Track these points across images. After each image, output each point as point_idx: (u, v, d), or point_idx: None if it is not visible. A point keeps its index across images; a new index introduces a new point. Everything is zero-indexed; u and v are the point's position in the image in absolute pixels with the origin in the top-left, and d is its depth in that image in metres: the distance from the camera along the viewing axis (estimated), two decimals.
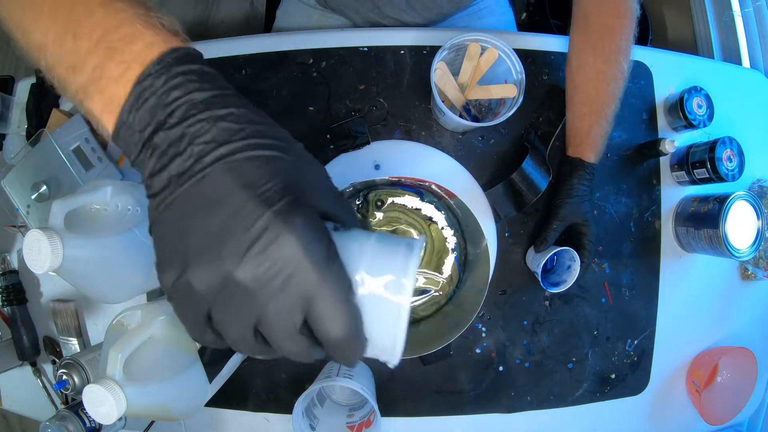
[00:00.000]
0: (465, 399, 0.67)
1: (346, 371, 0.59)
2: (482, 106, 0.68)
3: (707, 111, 0.68)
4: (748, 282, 0.72)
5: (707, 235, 0.64)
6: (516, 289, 0.67)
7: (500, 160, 0.68)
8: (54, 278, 0.43)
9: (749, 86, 0.75)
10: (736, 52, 0.86)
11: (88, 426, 0.54)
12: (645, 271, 0.70)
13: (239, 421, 0.67)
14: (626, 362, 0.69)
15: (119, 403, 0.39)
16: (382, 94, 0.67)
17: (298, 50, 0.68)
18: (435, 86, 0.59)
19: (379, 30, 0.71)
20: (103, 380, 0.40)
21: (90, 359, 0.57)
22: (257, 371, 0.66)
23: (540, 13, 1.26)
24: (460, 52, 0.62)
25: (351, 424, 0.60)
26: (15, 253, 0.72)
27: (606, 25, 0.58)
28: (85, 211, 0.47)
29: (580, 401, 0.68)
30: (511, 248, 0.67)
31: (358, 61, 0.68)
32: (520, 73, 0.60)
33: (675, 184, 0.71)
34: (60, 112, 0.69)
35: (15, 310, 0.69)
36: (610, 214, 0.69)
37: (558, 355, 0.68)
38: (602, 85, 0.59)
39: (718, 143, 0.64)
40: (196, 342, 0.25)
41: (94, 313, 0.70)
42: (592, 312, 0.68)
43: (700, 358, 0.70)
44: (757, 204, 0.64)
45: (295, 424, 0.56)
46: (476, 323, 0.67)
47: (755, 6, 0.84)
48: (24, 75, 0.75)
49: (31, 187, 0.64)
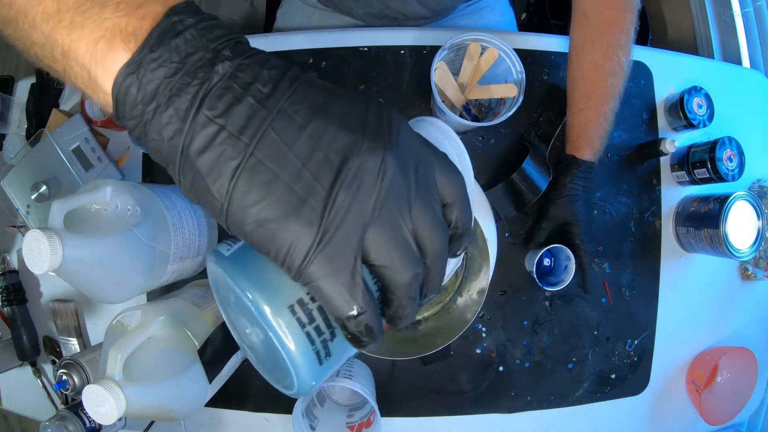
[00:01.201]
0: (465, 399, 0.67)
1: (346, 371, 0.59)
2: (482, 105, 0.68)
3: (707, 111, 0.68)
4: (748, 282, 0.72)
5: (707, 235, 0.64)
6: (516, 289, 0.67)
7: (500, 160, 0.68)
8: (54, 278, 0.43)
9: (749, 86, 0.75)
10: (736, 52, 0.86)
11: (88, 426, 0.54)
12: (645, 271, 0.70)
13: (239, 421, 0.67)
14: (626, 362, 0.69)
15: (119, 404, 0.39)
16: (382, 94, 0.67)
17: (298, 50, 0.68)
18: (435, 86, 0.59)
19: (379, 30, 0.71)
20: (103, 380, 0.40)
21: (90, 359, 0.57)
22: (257, 371, 0.66)
23: (540, 13, 1.26)
24: (460, 52, 0.62)
25: (351, 424, 0.60)
26: (15, 253, 0.72)
27: (605, 19, 0.57)
28: (84, 211, 0.47)
29: (580, 401, 0.68)
30: (511, 248, 0.67)
31: (358, 61, 0.68)
32: (521, 73, 0.60)
33: (675, 184, 0.71)
34: (60, 112, 0.69)
35: (15, 310, 0.69)
36: (610, 214, 0.69)
37: (558, 355, 0.68)
38: (600, 80, 0.58)
39: (718, 143, 0.64)
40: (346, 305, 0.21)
41: (94, 313, 0.70)
42: (592, 312, 0.68)
43: (700, 358, 0.70)
44: (757, 204, 0.64)
45: (295, 424, 0.56)
46: (476, 323, 0.67)
47: (755, 6, 0.84)
48: (24, 75, 0.75)
49: (30, 187, 0.64)
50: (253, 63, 0.21)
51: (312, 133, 0.20)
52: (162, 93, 0.20)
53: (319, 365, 0.23)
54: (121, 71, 0.20)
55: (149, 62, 0.20)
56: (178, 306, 0.51)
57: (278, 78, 0.21)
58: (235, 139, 0.20)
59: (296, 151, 0.20)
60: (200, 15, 0.21)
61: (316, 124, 0.20)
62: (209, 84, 0.20)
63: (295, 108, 0.20)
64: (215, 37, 0.21)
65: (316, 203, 0.20)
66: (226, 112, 0.20)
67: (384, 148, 0.21)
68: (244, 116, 0.20)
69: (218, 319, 0.52)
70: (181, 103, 0.20)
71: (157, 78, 0.20)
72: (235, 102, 0.20)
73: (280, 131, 0.20)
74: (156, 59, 0.20)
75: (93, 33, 0.20)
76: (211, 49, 0.21)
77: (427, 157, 0.23)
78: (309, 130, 0.20)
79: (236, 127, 0.20)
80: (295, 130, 0.20)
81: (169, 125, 0.20)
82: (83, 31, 0.21)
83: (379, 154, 0.21)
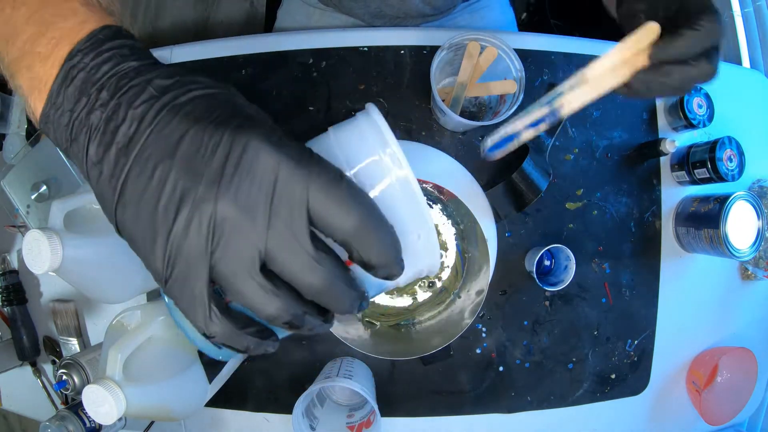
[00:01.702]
0: (465, 399, 0.67)
1: (346, 371, 0.59)
2: (482, 105, 0.68)
3: (707, 111, 0.68)
4: (748, 282, 0.72)
5: (707, 235, 0.64)
6: (516, 289, 0.67)
7: (500, 160, 0.67)
8: (54, 278, 0.43)
9: (749, 86, 0.75)
10: (736, 52, 0.85)
11: (88, 426, 0.54)
12: (645, 271, 0.69)
13: (239, 421, 0.67)
14: (626, 362, 0.69)
15: (119, 404, 0.39)
16: (382, 94, 0.67)
17: (298, 50, 0.68)
18: (435, 86, 0.59)
19: (379, 30, 0.71)
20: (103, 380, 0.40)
21: (90, 359, 0.57)
22: (257, 371, 0.66)
23: (540, 13, 1.26)
24: (460, 52, 0.62)
25: (351, 424, 0.60)
26: (15, 253, 0.72)
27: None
28: (85, 211, 0.47)
29: (580, 401, 0.68)
30: (511, 248, 0.67)
31: (358, 61, 0.68)
32: (520, 71, 0.60)
33: (675, 184, 0.71)
34: None
35: (15, 310, 0.69)
36: (610, 214, 0.69)
37: (558, 355, 0.68)
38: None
39: (718, 143, 0.64)
40: (209, 335, 0.23)
41: (94, 313, 0.70)
42: (592, 312, 0.68)
43: (700, 358, 0.70)
44: (757, 204, 0.64)
45: (295, 424, 0.56)
46: (476, 323, 0.67)
47: (755, 6, 0.84)
48: None
49: (31, 187, 0.64)
50: (125, 101, 0.23)
51: (159, 179, 0.22)
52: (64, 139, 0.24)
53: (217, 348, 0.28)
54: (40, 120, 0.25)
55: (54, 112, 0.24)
56: None
57: (142, 116, 0.23)
58: (107, 181, 0.23)
59: (146, 198, 0.22)
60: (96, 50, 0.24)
61: (161, 169, 0.22)
62: (91, 131, 0.23)
63: (149, 151, 0.22)
64: (100, 76, 0.24)
65: (160, 246, 0.22)
66: (101, 160, 0.23)
67: (217, 193, 0.21)
68: (113, 163, 0.23)
69: None
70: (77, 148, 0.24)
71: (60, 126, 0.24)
72: (106, 149, 0.23)
73: (135, 179, 0.22)
74: (58, 109, 0.24)
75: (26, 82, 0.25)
76: (93, 92, 0.23)
77: (296, 188, 0.21)
78: (156, 176, 0.22)
79: (108, 173, 0.23)
80: (146, 178, 0.22)
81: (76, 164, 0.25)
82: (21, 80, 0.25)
83: (209, 200, 0.21)
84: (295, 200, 0.21)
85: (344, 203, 0.21)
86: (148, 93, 0.23)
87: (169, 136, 0.22)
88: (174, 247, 0.22)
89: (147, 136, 0.22)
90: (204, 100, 0.23)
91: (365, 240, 0.22)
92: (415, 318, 0.63)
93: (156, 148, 0.22)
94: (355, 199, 0.22)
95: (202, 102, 0.23)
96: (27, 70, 0.25)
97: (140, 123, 0.23)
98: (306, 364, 0.66)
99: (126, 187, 0.23)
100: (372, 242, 0.22)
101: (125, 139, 0.23)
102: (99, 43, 0.24)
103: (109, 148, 0.23)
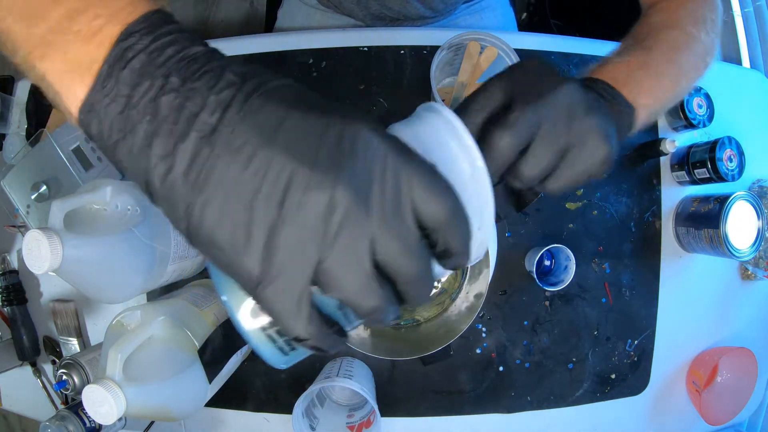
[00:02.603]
0: (465, 399, 0.67)
1: (346, 371, 0.59)
2: None
3: (707, 111, 0.68)
4: (748, 282, 0.72)
5: (708, 235, 0.64)
6: (516, 289, 0.67)
7: None
8: (54, 278, 0.43)
9: (749, 86, 0.75)
10: (736, 52, 0.85)
11: (88, 426, 0.54)
12: (645, 271, 0.70)
13: (239, 421, 0.67)
14: (626, 362, 0.69)
15: (119, 404, 0.40)
16: (382, 94, 0.67)
17: (298, 50, 0.68)
18: (435, 86, 0.59)
19: (379, 30, 0.71)
20: (103, 380, 0.40)
21: (90, 359, 0.57)
22: (257, 371, 0.66)
23: (540, 13, 1.26)
24: (459, 52, 0.62)
25: (351, 424, 0.60)
26: (15, 253, 0.72)
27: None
28: (84, 211, 0.47)
29: (580, 401, 0.68)
30: (511, 248, 0.67)
31: (358, 61, 0.68)
32: None
33: (675, 184, 0.71)
34: (60, 112, 0.69)
35: (15, 310, 0.69)
36: (610, 214, 0.69)
37: (558, 355, 0.68)
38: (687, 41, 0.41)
39: (718, 143, 0.64)
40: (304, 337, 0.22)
41: (94, 313, 0.70)
42: (593, 312, 0.68)
43: (700, 358, 0.70)
44: (757, 204, 0.64)
45: (295, 424, 0.56)
46: (476, 323, 0.67)
47: (755, 6, 0.84)
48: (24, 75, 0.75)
49: (30, 187, 0.64)
50: (201, 87, 0.21)
51: (257, 168, 0.20)
52: (116, 131, 0.21)
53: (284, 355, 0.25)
54: (81, 109, 0.21)
55: (102, 99, 0.21)
56: (178, 306, 0.51)
57: (228, 102, 0.20)
58: (183, 178, 0.20)
59: (240, 190, 0.20)
60: (154, 33, 0.21)
61: (261, 157, 0.20)
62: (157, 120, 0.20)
63: (242, 139, 0.20)
64: (165, 59, 0.21)
65: (259, 241, 0.20)
66: (172, 152, 0.20)
67: (334, 180, 0.20)
68: (190, 155, 0.20)
69: (218, 319, 0.52)
70: (134, 141, 0.21)
71: (110, 115, 0.21)
72: (180, 140, 0.20)
73: (224, 169, 0.20)
74: (108, 94, 0.21)
75: (59, 65, 0.21)
76: (159, 76, 0.21)
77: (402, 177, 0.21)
78: (254, 165, 0.20)
79: (183, 167, 0.20)
80: (239, 168, 0.20)
81: (124, 162, 0.21)
82: (53, 63, 0.21)
83: (327, 187, 0.20)
84: (402, 189, 0.21)
85: (441, 193, 0.22)
86: (227, 80, 0.21)
87: (264, 122, 0.20)
88: (277, 241, 0.20)
89: (237, 123, 0.20)
90: (290, 89, 0.22)
91: (452, 228, 0.22)
92: (415, 318, 0.63)
93: (251, 135, 0.20)
94: (449, 189, 0.22)
95: (289, 90, 0.22)
96: (62, 51, 0.21)
97: (226, 110, 0.20)
98: (306, 364, 0.65)
99: (210, 180, 0.20)
100: (456, 231, 0.23)
101: (207, 128, 0.20)
102: (156, 26, 0.22)
103: (184, 138, 0.20)
